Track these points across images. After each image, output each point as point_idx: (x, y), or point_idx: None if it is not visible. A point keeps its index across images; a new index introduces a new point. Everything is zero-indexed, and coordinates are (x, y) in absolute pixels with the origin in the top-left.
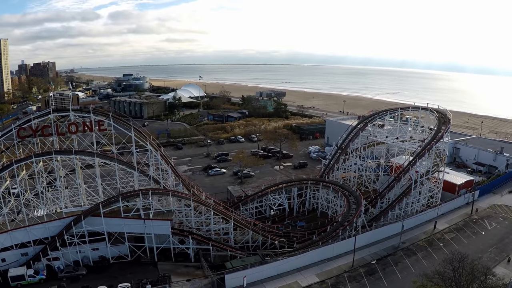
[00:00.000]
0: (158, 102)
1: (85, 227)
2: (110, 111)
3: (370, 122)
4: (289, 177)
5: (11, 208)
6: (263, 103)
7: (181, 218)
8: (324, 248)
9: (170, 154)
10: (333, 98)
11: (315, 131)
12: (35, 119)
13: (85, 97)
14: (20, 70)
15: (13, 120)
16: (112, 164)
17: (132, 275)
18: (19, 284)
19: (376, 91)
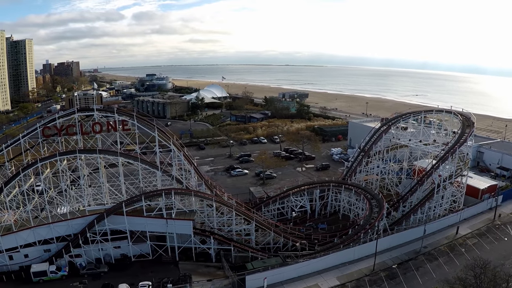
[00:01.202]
0: (181, 102)
1: (108, 225)
2: (134, 111)
3: (393, 124)
4: (311, 179)
5: (35, 205)
6: (285, 104)
7: (203, 218)
8: (345, 251)
9: (193, 154)
10: (356, 99)
11: (337, 133)
12: (59, 118)
13: (108, 96)
14: (44, 70)
15: (38, 119)
16: (136, 163)
17: (153, 274)
18: (41, 279)
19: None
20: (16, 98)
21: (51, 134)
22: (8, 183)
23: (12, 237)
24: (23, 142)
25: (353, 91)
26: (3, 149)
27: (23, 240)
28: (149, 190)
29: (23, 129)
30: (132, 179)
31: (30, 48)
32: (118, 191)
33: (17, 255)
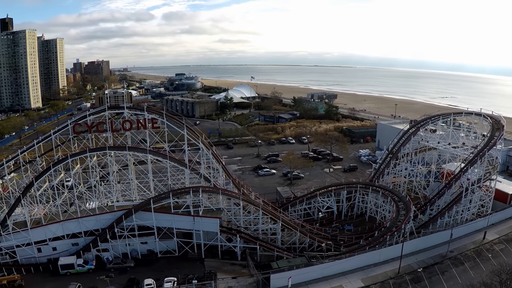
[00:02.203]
0: (210, 101)
1: (136, 221)
2: (163, 110)
3: (422, 126)
4: (339, 180)
5: (64, 200)
6: (314, 105)
7: (229, 217)
8: (370, 253)
9: (221, 153)
10: (385, 101)
11: (366, 135)
12: (90, 115)
13: (138, 95)
14: (75, 68)
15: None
16: (164, 161)
17: (179, 270)
18: (68, 272)
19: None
20: (47, 96)
21: (81, 131)
22: (38, 177)
23: (41, 230)
24: (54, 138)
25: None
26: (35, 145)
27: (51, 234)
28: (177, 187)
29: (53, 126)
30: (161, 176)
31: (61, 47)
32: (147, 188)
33: (46, 247)
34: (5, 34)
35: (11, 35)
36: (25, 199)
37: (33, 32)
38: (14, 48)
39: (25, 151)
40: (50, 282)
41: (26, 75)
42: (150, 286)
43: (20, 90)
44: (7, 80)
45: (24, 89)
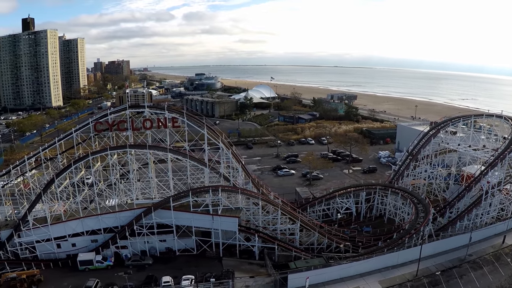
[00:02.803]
0: (230, 101)
1: (155, 219)
2: (184, 109)
3: (442, 128)
4: (358, 181)
5: (84, 197)
6: (334, 105)
7: (248, 216)
8: (388, 255)
9: (240, 153)
10: (405, 102)
11: (386, 136)
12: (111, 114)
13: (158, 95)
14: (95, 68)
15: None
16: (184, 160)
17: (197, 268)
18: (87, 268)
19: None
20: (68, 95)
21: (102, 129)
22: (59, 174)
23: (61, 226)
24: (75, 136)
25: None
26: (56, 142)
27: (71, 230)
28: (197, 186)
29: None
30: (180, 175)
31: (81, 46)
32: (166, 186)
33: (65, 243)
34: (26, 34)
35: (33, 35)
36: (46, 196)
37: (54, 32)
38: (35, 47)
39: (46, 149)
40: (68, 277)
41: (47, 74)
42: (168, 284)
43: (41, 89)
44: (28, 79)
45: (45, 87)
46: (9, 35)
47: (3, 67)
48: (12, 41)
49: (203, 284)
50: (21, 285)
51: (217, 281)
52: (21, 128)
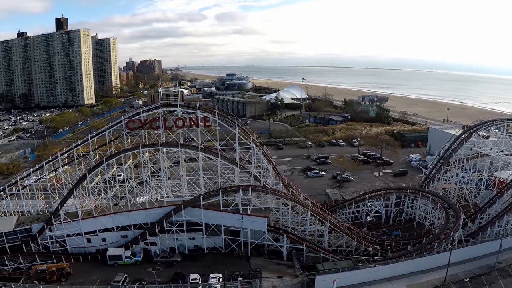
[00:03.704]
0: (261, 102)
1: (184, 217)
2: (216, 109)
3: (474, 132)
4: (388, 184)
5: (115, 193)
6: (365, 107)
7: (278, 217)
8: (417, 260)
9: (271, 153)
10: (437, 105)
11: (417, 139)
12: (144, 112)
13: (189, 94)
14: (127, 67)
15: (120, 113)
16: (215, 159)
17: (225, 267)
18: (116, 263)
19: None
20: (100, 93)
21: (135, 127)
22: (91, 171)
23: (91, 221)
24: (108, 133)
25: (434, 96)
26: (89, 139)
27: (102, 225)
28: (227, 185)
29: (106, 122)
30: (211, 174)
31: (114, 46)
32: (197, 185)
33: (95, 238)
34: (60, 33)
35: (66, 34)
36: (78, 191)
37: (87, 32)
38: (68, 46)
39: (79, 145)
40: (97, 272)
41: (80, 72)
42: (196, 281)
43: (74, 87)
44: (61, 77)
45: (78, 86)
46: (43, 34)
47: (37, 66)
48: (46, 40)
49: (231, 282)
50: (51, 277)
51: (245, 280)
52: (54, 125)
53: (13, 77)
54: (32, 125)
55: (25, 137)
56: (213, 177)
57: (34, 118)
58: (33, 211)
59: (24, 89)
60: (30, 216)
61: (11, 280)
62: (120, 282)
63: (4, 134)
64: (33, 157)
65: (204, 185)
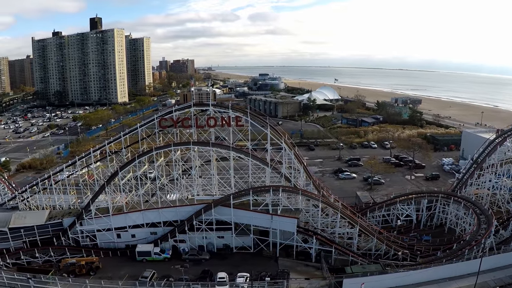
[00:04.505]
0: (293, 102)
1: (214, 215)
2: (248, 108)
3: (509, 136)
4: (420, 188)
5: (146, 190)
6: (398, 109)
7: (307, 218)
8: (447, 266)
9: (302, 154)
10: (470, 108)
11: (450, 143)
12: (176, 111)
13: (221, 94)
14: (160, 66)
15: (153, 111)
16: (246, 158)
17: (252, 267)
18: (145, 259)
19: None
20: (133, 92)
21: (167, 126)
22: (123, 167)
23: (122, 217)
24: (140, 131)
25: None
26: (121, 137)
27: (132, 221)
28: (257, 185)
29: (139, 120)
30: (242, 173)
31: (147, 45)
32: (227, 184)
33: (125, 234)
34: (94, 33)
35: (100, 34)
36: (109, 187)
37: (121, 31)
38: (102, 45)
39: (111, 142)
40: (126, 267)
41: (114, 71)
42: (223, 280)
43: (107, 85)
44: (95, 76)
45: (111, 84)
46: (78, 33)
47: (71, 64)
48: (81, 40)
49: (258, 282)
50: (80, 270)
51: (272, 281)
52: (87, 122)
53: (48, 75)
54: (66, 122)
55: (59, 133)
56: (244, 176)
57: (68, 115)
58: (64, 206)
59: (59, 87)
60: (61, 210)
61: (41, 272)
62: (148, 278)
63: (39, 131)
64: (66, 153)
65: (235, 184)
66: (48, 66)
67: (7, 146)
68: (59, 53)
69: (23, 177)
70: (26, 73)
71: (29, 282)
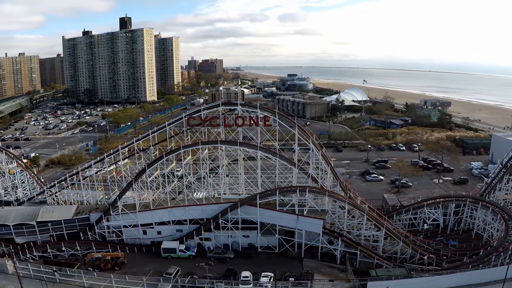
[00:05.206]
0: (321, 103)
1: (240, 215)
2: (276, 108)
3: None
4: (448, 192)
5: (173, 188)
6: (427, 112)
7: (333, 219)
8: (473, 272)
9: (330, 155)
10: (501, 111)
11: (479, 146)
12: (204, 110)
13: (250, 93)
14: (189, 66)
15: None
16: (274, 158)
17: (277, 267)
18: (170, 256)
19: None
20: (162, 90)
21: (195, 124)
22: (151, 165)
23: (148, 214)
24: (168, 129)
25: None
26: (149, 135)
27: (158, 218)
28: (284, 185)
29: (167, 118)
30: (269, 173)
31: (176, 45)
32: (254, 183)
33: (151, 231)
34: (124, 32)
35: (130, 33)
36: (136, 184)
37: (150, 31)
38: (132, 45)
39: (140, 140)
40: (151, 263)
41: (143, 70)
42: (247, 279)
43: (136, 84)
44: (125, 74)
45: (140, 83)
46: (107, 32)
47: (101, 63)
48: (110, 39)
49: (282, 282)
50: (105, 265)
51: (296, 281)
52: (116, 120)
53: (78, 73)
54: (95, 119)
55: (88, 130)
56: (271, 176)
57: (97, 112)
58: (92, 201)
59: (88, 85)
60: (89, 205)
61: (67, 266)
62: (172, 274)
63: (68, 127)
64: (95, 150)
65: (262, 184)
66: (78, 65)
67: (37, 142)
68: (89, 51)
69: (51, 172)
70: (57, 71)
71: (55, 274)
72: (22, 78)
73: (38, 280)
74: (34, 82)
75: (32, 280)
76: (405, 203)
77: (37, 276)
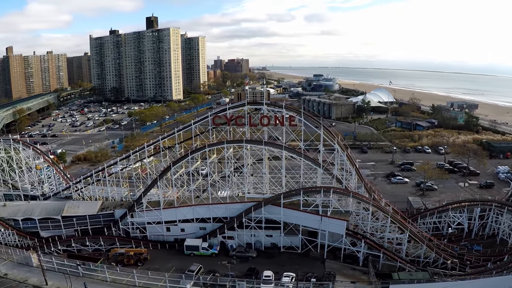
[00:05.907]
0: (347, 104)
1: (264, 214)
2: (301, 109)
3: None
4: (473, 196)
5: (197, 186)
6: (453, 114)
7: (357, 221)
8: (496, 278)
9: (355, 156)
10: None
11: (506, 150)
12: (230, 109)
13: (275, 93)
14: (215, 65)
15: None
16: (299, 158)
17: (299, 267)
18: (193, 253)
19: None
20: (188, 89)
21: (220, 123)
22: (176, 163)
23: (172, 211)
24: (194, 128)
25: None
26: (175, 133)
27: (182, 216)
28: (308, 185)
29: (193, 117)
30: (293, 173)
31: (202, 44)
32: (278, 183)
33: (174, 228)
34: (150, 31)
35: (156, 32)
36: (161, 182)
37: (177, 30)
38: (158, 44)
39: (165, 138)
40: (173, 260)
41: (169, 69)
42: (269, 278)
43: (163, 83)
44: (151, 73)
45: (166, 81)
46: (134, 32)
47: (128, 61)
48: (137, 38)
49: (303, 283)
50: (128, 261)
51: (318, 282)
52: (142, 118)
53: (105, 71)
54: (121, 117)
55: (114, 128)
56: (295, 176)
57: (123, 110)
58: (117, 198)
59: (115, 83)
60: (113, 202)
61: (90, 260)
62: (195, 272)
63: (95, 125)
64: (121, 147)
65: (286, 184)
66: (105, 63)
67: (63, 138)
68: (116, 50)
69: (78, 168)
70: (84, 70)
71: (78, 268)
72: (50, 76)
73: (62, 273)
74: (61, 80)
75: (56, 273)
76: (429, 206)
77: (61, 270)
